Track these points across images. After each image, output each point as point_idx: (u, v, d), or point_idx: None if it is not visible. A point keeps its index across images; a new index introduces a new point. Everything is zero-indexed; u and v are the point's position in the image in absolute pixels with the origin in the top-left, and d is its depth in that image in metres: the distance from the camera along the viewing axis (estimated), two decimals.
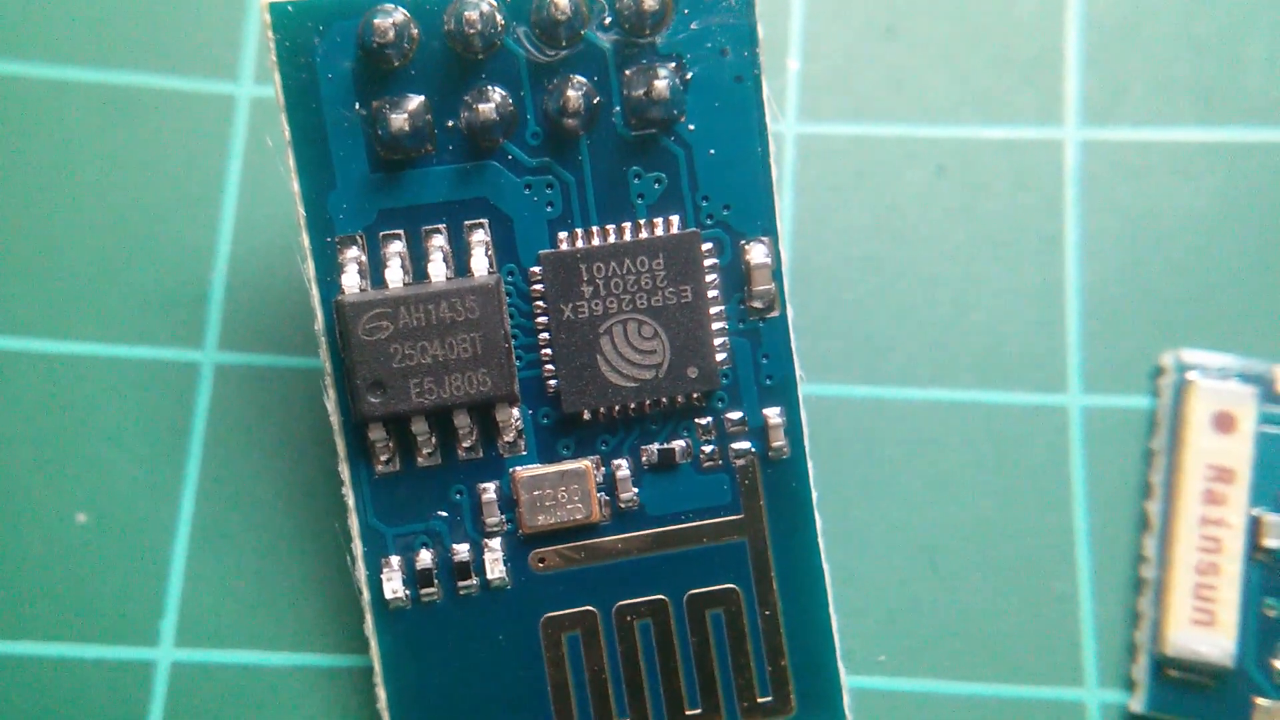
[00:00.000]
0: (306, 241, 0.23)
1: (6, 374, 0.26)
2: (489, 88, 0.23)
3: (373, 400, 0.23)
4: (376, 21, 0.22)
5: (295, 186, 0.23)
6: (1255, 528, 0.25)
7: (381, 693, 0.24)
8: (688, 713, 0.24)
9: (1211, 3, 0.28)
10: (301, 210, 0.23)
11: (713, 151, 0.23)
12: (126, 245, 0.27)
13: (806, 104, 0.28)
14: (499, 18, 0.22)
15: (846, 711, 0.25)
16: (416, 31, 0.23)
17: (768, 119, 0.24)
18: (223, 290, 0.27)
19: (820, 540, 0.24)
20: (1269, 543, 0.25)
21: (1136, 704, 0.25)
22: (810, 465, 0.24)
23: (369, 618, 0.24)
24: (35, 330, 0.27)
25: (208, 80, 0.28)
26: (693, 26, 0.23)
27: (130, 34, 0.28)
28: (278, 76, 0.23)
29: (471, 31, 0.22)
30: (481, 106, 0.23)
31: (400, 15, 0.22)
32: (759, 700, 0.24)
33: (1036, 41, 0.28)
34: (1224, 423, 0.25)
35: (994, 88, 0.28)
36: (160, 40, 0.28)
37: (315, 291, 0.23)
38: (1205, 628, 0.24)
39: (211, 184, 0.28)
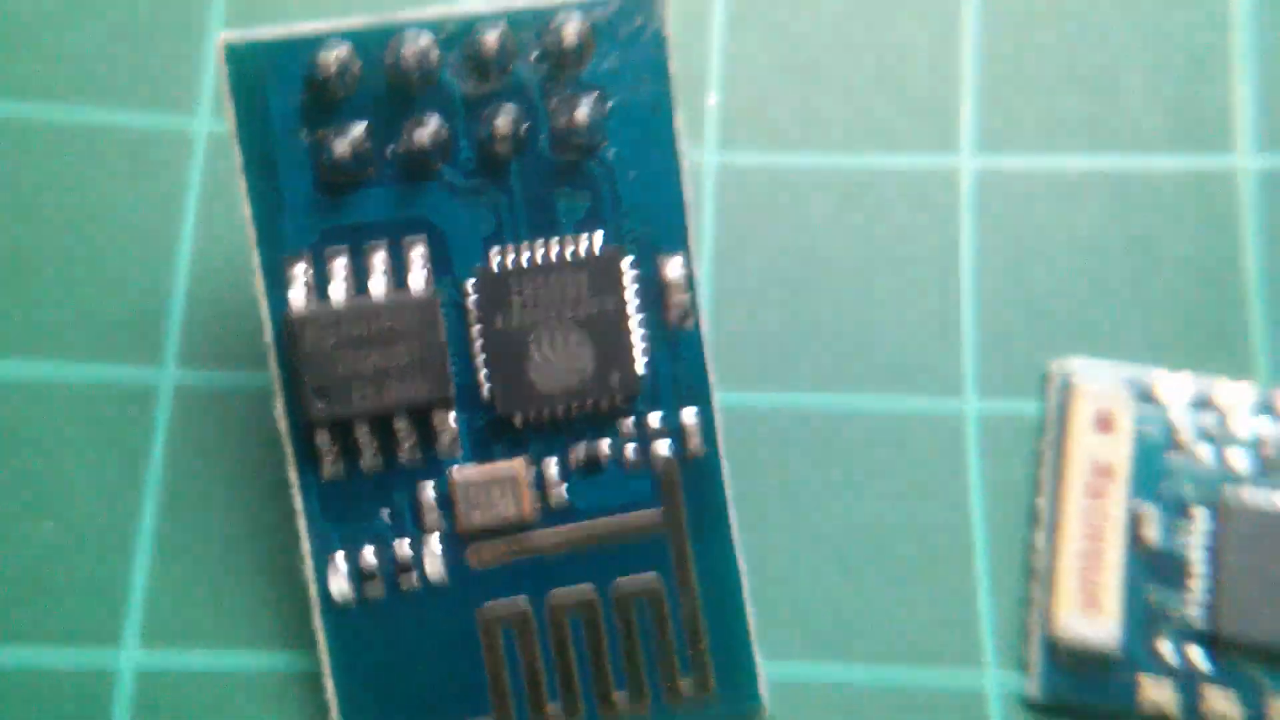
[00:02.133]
0: (257, 260, 0.23)
1: None
2: (426, 116, 0.23)
3: (319, 405, 0.23)
4: (321, 56, 0.22)
5: (246, 210, 0.23)
6: (1133, 519, 0.25)
7: (329, 683, 0.24)
8: (614, 695, 0.24)
9: (1094, 39, 0.29)
10: (252, 231, 0.23)
11: (632, 174, 0.24)
12: (93, 268, 0.27)
13: (725, 135, 0.28)
14: (434, 53, 0.23)
15: (762, 691, 0.24)
16: (359, 66, 0.23)
17: (681, 146, 0.24)
18: (181, 309, 0.27)
19: (735, 534, 0.24)
20: (1146, 533, 0.25)
21: (1031, 684, 0.25)
22: (725, 464, 0.24)
23: (316, 614, 0.24)
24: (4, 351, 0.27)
25: (167, 114, 0.28)
26: (612, 61, 0.23)
27: (94, 71, 0.28)
28: (230, 109, 0.23)
29: (409, 66, 0.22)
30: (418, 133, 0.23)
31: (344, 50, 0.22)
32: (680, 681, 0.24)
33: (934, 78, 0.29)
34: (1104, 423, 0.25)
35: (896, 120, 0.28)
36: (120, 78, 0.28)
37: (265, 306, 0.23)
38: (1091, 612, 0.25)
39: (171, 212, 0.27)
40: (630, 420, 0.24)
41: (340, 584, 0.24)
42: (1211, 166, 0.28)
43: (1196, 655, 0.25)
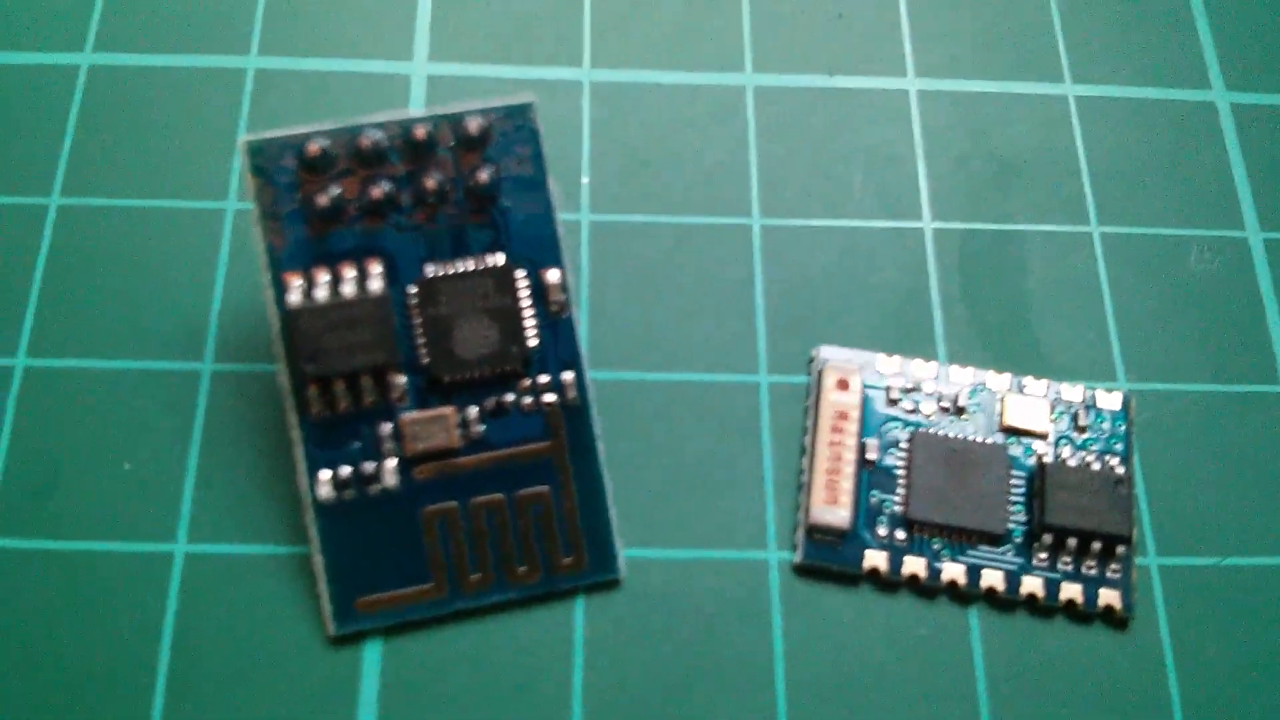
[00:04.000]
0: (268, 277, 0.24)
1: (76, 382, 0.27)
2: (379, 181, 0.24)
3: (309, 367, 0.24)
4: (308, 146, 0.24)
5: (260, 244, 0.24)
6: (861, 447, 0.27)
7: (318, 559, 0.24)
8: (517, 569, 0.25)
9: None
10: (265, 258, 0.24)
11: (520, 216, 0.25)
12: (157, 292, 0.28)
13: (594, 203, 0.29)
14: (385, 141, 0.24)
15: (620, 565, 0.25)
16: (334, 149, 0.24)
17: (553, 198, 0.25)
18: (217, 319, 0.28)
19: (601, 458, 0.25)
20: (869, 456, 0.26)
21: (797, 555, 0.26)
22: (594, 409, 0.25)
23: (309, 513, 0.24)
24: (80, 351, 0.27)
25: (203, 201, 0.29)
26: (503, 144, 0.25)
27: (160, 169, 0.29)
28: (250, 181, 0.24)
29: (367, 150, 0.24)
30: (374, 191, 0.24)
31: (323, 142, 0.24)
32: (563, 560, 0.25)
33: (725, 153, 0.30)
34: (843, 385, 0.27)
35: (702, 193, 0.29)
36: (166, 172, 0.29)
37: (273, 307, 0.24)
38: (832, 506, 0.26)
39: (210, 254, 0.28)
40: (526, 380, 0.25)
41: (325, 490, 0.24)
42: (908, 226, 0.30)
43: (898, 533, 0.26)
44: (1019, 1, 0.33)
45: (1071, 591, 0.25)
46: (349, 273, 0.24)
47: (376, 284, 0.24)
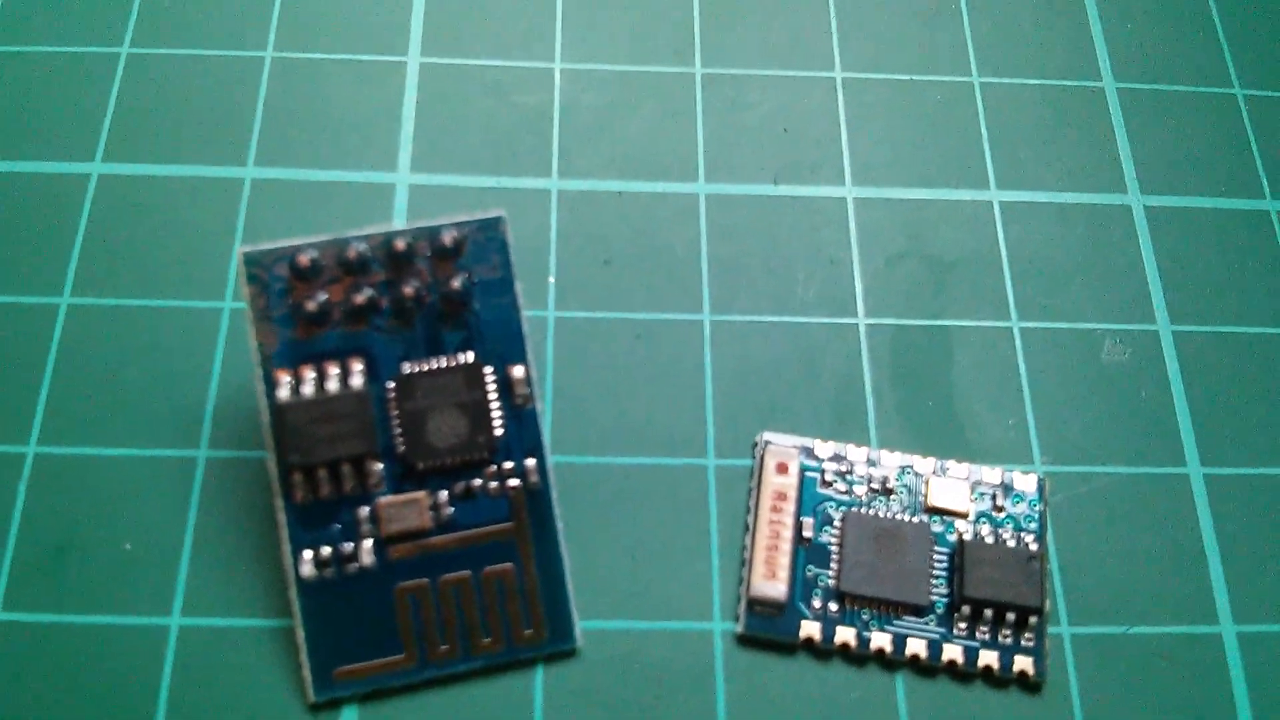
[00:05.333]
0: (260, 373, 0.25)
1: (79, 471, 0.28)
2: (364, 285, 0.26)
3: (293, 457, 0.25)
4: (299, 257, 0.25)
5: (253, 343, 0.25)
6: (798, 526, 0.28)
7: (300, 633, 0.26)
8: (481, 640, 0.26)
9: None
10: (257, 356, 0.25)
11: (490, 318, 0.26)
12: (156, 385, 0.29)
13: (560, 301, 0.31)
14: (368, 253, 0.26)
15: (577, 636, 0.27)
16: (322, 259, 0.26)
17: (520, 302, 0.26)
18: (213, 410, 0.29)
19: (561, 537, 0.26)
20: (806, 534, 0.28)
21: (739, 625, 0.27)
22: (554, 493, 0.26)
23: (292, 588, 0.26)
24: (86, 439, 0.28)
25: (201, 301, 0.30)
26: (475, 255, 0.26)
27: (147, 270, 0.31)
28: (245, 288, 0.25)
29: (351, 260, 0.26)
30: (357, 297, 0.26)
31: (313, 253, 0.25)
32: (524, 631, 0.26)
33: (680, 254, 0.31)
34: (782, 468, 0.28)
35: (660, 287, 0.31)
36: (168, 273, 0.30)
37: (263, 400, 0.25)
38: (771, 580, 0.27)
39: (207, 350, 0.30)
40: (492, 466, 0.26)
41: (307, 568, 0.26)
42: (845, 321, 0.31)
43: (831, 604, 0.27)
44: (949, 115, 0.36)
45: (989, 658, 0.27)
46: (333, 370, 0.26)
47: (358, 380, 0.26)
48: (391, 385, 0.26)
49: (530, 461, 0.26)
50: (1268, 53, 0.37)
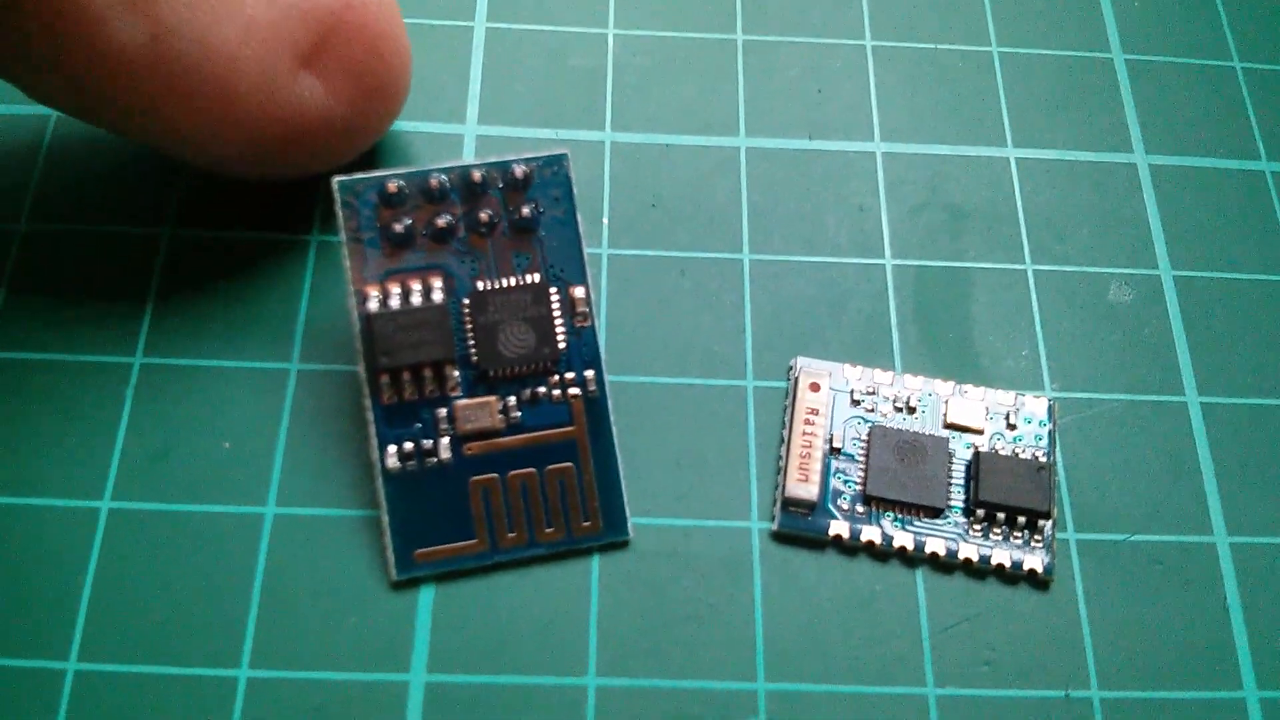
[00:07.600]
0: (352, 289, 0.26)
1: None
2: (443, 212, 0.27)
3: (383, 360, 0.26)
4: (387, 185, 0.26)
5: (347, 263, 0.26)
6: (829, 437, 0.28)
7: (384, 519, 0.26)
8: (546, 529, 0.27)
9: None
10: (350, 273, 0.26)
11: (555, 244, 0.27)
12: (251, 304, 0.30)
13: (613, 239, 0.31)
14: (448, 183, 0.26)
15: (629, 529, 0.27)
16: (407, 189, 0.26)
17: (580, 230, 0.27)
18: (302, 327, 0.30)
19: (615, 440, 0.27)
20: (835, 444, 0.28)
21: (775, 525, 0.28)
22: (611, 402, 0.27)
23: (378, 479, 0.26)
24: (188, 352, 0.29)
25: (290, 235, 0.31)
26: (542, 185, 0.27)
27: (242, 206, 0.31)
28: (340, 212, 0.26)
29: (433, 188, 0.26)
30: (438, 221, 0.26)
31: (399, 182, 0.26)
32: (582, 523, 0.27)
33: (721, 200, 0.32)
34: (815, 387, 0.29)
35: (703, 229, 0.32)
36: (261, 210, 0.31)
37: (354, 313, 0.26)
38: (804, 483, 0.28)
39: (298, 277, 0.30)
40: (555, 376, 0.27)
41: (392, 461, 0.26)
42: (873, 262, 0.31)
43: (859, 507, 0.28)
44: (970, 80, 0.37)
45: (1001, 557, 0.28)
46: (415, 286, 0.27)
47: (438, 295, 0.27)
48: (467, 301, 0.27)
49: (589, 373, 0.27)
50: (1265, 28, 0.38)
